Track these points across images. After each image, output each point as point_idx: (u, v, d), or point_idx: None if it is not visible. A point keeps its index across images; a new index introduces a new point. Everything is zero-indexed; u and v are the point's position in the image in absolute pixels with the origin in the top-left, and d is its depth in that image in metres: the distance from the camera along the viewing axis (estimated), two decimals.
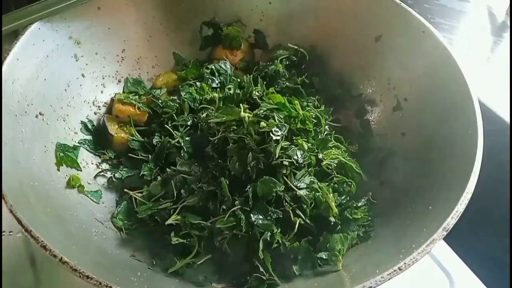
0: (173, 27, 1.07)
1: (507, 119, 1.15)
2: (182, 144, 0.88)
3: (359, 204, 0.84)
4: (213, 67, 1.03)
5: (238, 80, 1.01)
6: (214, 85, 1.01)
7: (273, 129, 0.79)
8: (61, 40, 0.88)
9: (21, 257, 0.89)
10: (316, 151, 0.86)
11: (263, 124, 0.79)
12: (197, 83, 1.00)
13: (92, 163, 0.91)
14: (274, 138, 0.78)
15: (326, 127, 0.96)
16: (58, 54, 0.88)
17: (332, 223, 0.79)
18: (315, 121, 0.91)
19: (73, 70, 0.92)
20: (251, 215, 0.75)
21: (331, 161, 0.86)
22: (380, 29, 0.98)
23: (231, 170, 0.80)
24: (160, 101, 0.98)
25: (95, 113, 0.97)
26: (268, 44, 1.12)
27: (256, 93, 0.90)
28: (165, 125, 0.93)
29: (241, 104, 0.85)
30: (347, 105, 1.05)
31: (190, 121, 0.93)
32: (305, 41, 1.09)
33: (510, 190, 1.11)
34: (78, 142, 0.90)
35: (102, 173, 0.91)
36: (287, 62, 1.07)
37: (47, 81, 0.85)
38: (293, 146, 0.80)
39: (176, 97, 0.99)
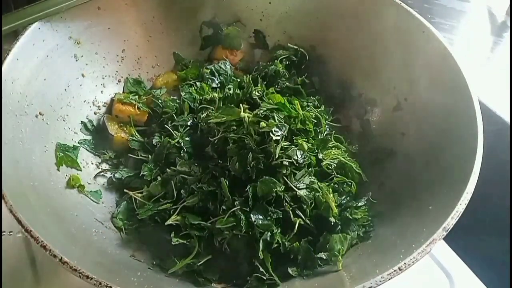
0: (173, 27, 1.07)
1: (507, 119, 1.15)
2: (182, 144, 0.88)
3: (359, 204, 0.84)
4: (213, 67, 1.03)
5: (238, 80, 1.01)
6: (214, 85, 1.01)
7: (273, 129, 0.79)
8: (61, 40, 0.88)
9: (21, 257, 0.89)
10: (316, 151, 0.86)
11: (263, 124, 0.79)
12: (197, 83, 1.00)
13: (92, 163, 0.91)
14: (274, 138, 0.78)
15: (326, 127, 0.96)
16: (58, 54, 0.88)
17: (332, 223, 0.79)
18: (315, 121, 0.92)
19: (73, 70, 0.92)
20: (251, 215, 0.75)
21: (331, 161, 0.86)
22: (380, 29, 0.98)
23: (231, 170, 0.80)
24: (160, 101, 0.98)
25: (95, 113, 0.97)
26: (268, 44, 1.12)
27: (256, 93, 0.90)
28: (165, 125, 0.93)
29: (241, 104, 0.85)
30: (347, 105, 1.05)
31: (190, 121, 0.93)
32: (305, 41, 1.09)
33: (510, 190, 1.10)
34: (78, 142, 0.90)
35: (102, 173, 0.91)
36: (287, 62, 1.07)
37: (47, 81, 0.85)
38: (293, 146, 0.80)
39: (176, 97, 0.99)
